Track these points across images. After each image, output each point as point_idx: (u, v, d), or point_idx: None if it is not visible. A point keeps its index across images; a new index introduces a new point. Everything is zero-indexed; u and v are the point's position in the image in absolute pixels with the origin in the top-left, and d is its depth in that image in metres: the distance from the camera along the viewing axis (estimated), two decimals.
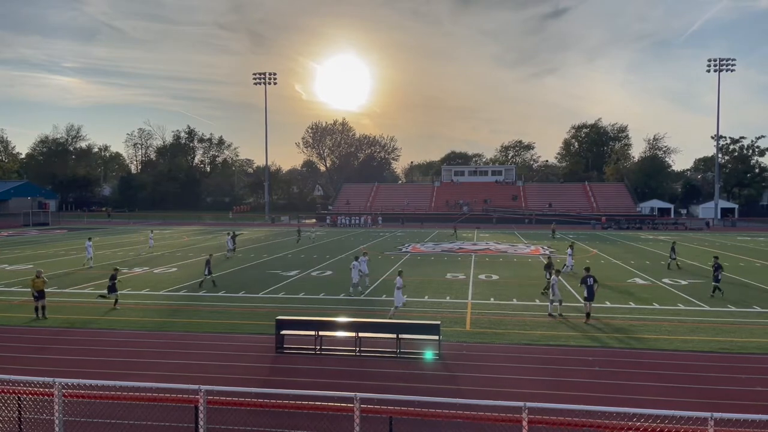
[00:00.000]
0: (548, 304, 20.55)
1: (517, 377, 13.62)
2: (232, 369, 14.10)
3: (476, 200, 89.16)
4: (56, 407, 8.30)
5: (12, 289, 25.53)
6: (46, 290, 20.03)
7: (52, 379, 8.39)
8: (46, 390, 8.40)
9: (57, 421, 8.35)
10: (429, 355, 14.91)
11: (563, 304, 20.54)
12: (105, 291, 21.93)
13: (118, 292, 21.76)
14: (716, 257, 24.88)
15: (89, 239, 35.10)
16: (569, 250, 30.96)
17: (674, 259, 32.67)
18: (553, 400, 11.16)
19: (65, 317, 19.61)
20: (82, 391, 8.61)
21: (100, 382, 8.84)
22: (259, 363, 14.69)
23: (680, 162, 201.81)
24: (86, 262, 33.28)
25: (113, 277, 21.71)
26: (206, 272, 25.97)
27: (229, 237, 40.56)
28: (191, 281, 27.50)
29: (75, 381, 8.59)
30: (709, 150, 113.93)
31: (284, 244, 48.97)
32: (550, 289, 20.34)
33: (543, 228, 69.75)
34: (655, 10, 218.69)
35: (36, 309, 19.54)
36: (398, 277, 19.93)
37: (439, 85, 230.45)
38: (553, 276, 20.75)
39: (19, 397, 8.88)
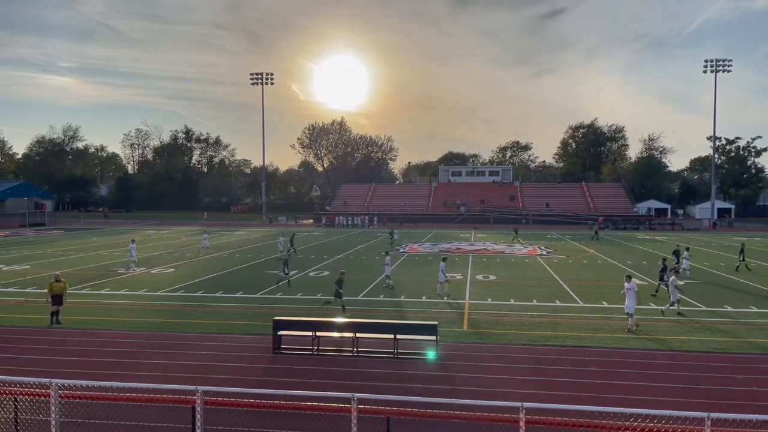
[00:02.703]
0: (668, 306, 20.48)
1: (514, 377, 13.64)
2: (229, 369, 14.09)
3: (474, 200, 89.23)
4: (53, 408, 8.28)
5: (9, 289, 25.46)
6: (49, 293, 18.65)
7: (48, 379, 8.36)
8: (43, 391, 8.38)
9: (54, 422, 8.33)
10: (431, 354, 14.93)
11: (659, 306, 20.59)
12: (331, 297, 21.00)
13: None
14: None
15: (132, 241, 33.95)
16: (686, 253, 30.48)
17: (743, 261, 32.10)
18: (550, 401, 11.16)
19: (61, 318, 19.52)
20: (79, 392, 8.59)
21: (96, 383, 8.83)
22: (257, 363, 14.67)
23: (677, 162, 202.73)
24: (130, 264, 31.99)
25: (340, 282, 20.67)
26: (285, 271, 26.73)
27: (281, 239, 39.82)
28: (189, 282, 27.48)
29: (71, 382, 8.56)
30: (707, 150, 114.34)
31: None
32: (669, 289, 20.28)
33: (541, 228, 69.86)
34: (652, 10, 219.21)
35: (52, 314, 18.54)
36: (629, 282, 18.40)
37: (436, 85, 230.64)
38: (672, 277, 20.71)
39: (15, 397, 8.85)
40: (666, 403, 11.37)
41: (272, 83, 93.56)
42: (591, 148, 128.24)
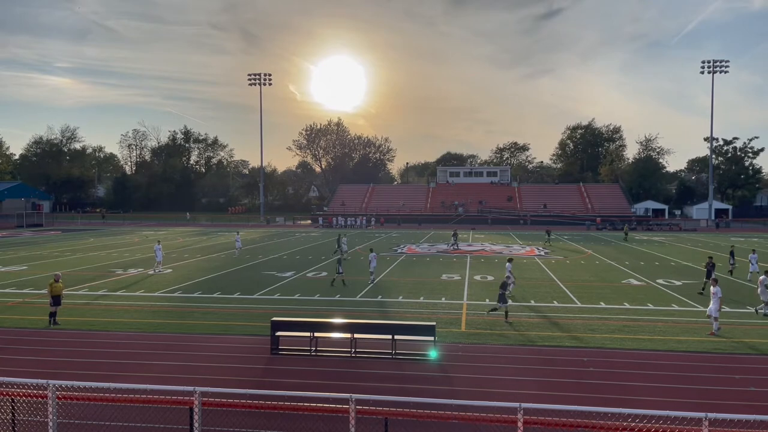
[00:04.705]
0: (763, 306, 20.51)
1: (512, 378, 13.64)
2: (227, 370, 14.07)
3: (471, 201, 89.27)
4: (50, 409, 8.25)
5: (6, 290, 25.38)
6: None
7: (45, 380, 8.34)
8: (40, 392, 8.35)
9: (51, 423, 8.30)
10: (433, 354, 14.94)
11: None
12: (496, 303, 19.89)
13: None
14: None
15: (158, 242, 33.51)
16: (753, 255, 30.22)
17: None
18: (548, 401, 11.17)
19: (59, 318, 19.47)
20: (76, 393, 8.56)
21: (94, 384, 8.80)
22: (255, 364, 14.66)
23: (674, 163, 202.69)
24: (155, 266, 31.77)
25: (505, 286, 19.74)
26: (340, 270, 27.13)
27: (344, 239, 40.01)
28: (186, 282, 27.44)
29: (69, 383, 8.54)
30: (704, 151, 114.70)
31: (280, 245, 48.89)
32: (759, 289, 20.40)
33: (538, 229, 69.89)
34: (648, 11, 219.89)
35: (51, 315, 18.47)
36: (714, 286, 17.89)
37: (434, 86, 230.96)
38: (762, 276, 20.81)
39: (12, 399, 8.83)
40: (664, 404, 11.38)
41: (270, 84, 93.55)
42: (588, 149, 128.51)
